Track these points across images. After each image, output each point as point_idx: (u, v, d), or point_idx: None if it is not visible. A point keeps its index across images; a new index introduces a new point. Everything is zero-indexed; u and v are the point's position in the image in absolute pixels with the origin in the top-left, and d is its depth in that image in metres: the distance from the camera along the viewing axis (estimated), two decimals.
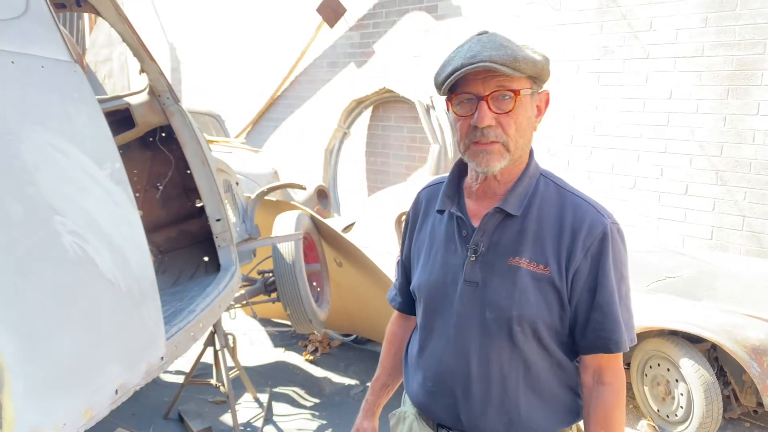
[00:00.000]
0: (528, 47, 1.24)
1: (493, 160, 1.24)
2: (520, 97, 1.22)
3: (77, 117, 1.74)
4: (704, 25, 4.72)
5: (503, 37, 1.23)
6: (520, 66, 1.19)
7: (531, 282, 1.25)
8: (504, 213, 1.29)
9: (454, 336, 1.31)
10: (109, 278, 1.66)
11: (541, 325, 1.26)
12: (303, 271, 3.56)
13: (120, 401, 1.68)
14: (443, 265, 1.34)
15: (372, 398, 1.57)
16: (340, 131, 7.67)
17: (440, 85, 1.26)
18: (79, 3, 2.71)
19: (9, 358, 1.28)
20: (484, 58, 1.18)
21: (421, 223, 1.45)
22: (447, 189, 1.37)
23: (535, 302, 1.25)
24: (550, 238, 1.26)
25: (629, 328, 1.29)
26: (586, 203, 1.30)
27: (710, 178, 4.81)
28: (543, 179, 1.33)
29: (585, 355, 1.30)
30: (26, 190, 1.46)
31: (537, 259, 1.26)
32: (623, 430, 1.30)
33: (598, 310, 1.26)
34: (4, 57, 1.54)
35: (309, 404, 3.69)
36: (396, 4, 6.99)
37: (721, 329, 3.12)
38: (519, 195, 1.29)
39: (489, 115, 1.21)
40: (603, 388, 1.29)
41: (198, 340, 2.52)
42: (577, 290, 1.26)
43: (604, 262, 1.25)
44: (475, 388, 1.29)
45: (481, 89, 1.22)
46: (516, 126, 1.23)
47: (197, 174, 3.06)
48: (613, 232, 1.27)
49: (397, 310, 1.59)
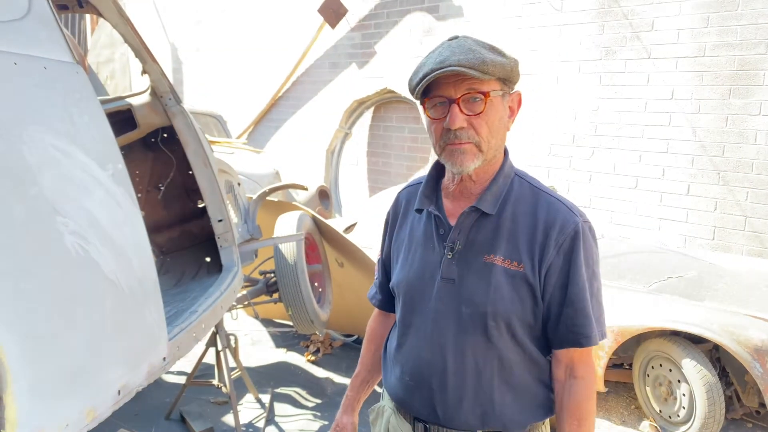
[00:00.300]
0: (497, 50, 1.28)
1: (466, 160, 1.28)
2: (490, 99, 1.26)
3: (79, 118, 1.74)
4: (706, 25, 4.72)
5: (473, 41, 1.28)
6: (489, 69, 1.23)
7: (505, 279, 1.29)
8: (480, 212, 1.33)
9: (431, 331, 1.35)
10: (111, 279, 1.66)
11: (515, 320, 1.30)
12: (305, 271, 3.56)
13: (122, 402, 1.68)
14: (422, 263, 1.38)
15: (351, 394, 1.62)
16: (342, 132, 7.67)
17: (413, 89, 1.30)
18: (81, 4, 2.72)
19: (12, 359, 1.28)
20: (453, 63, 1.22)
21: (400, 222, 1.49)
22: (425, 189, 1.41)
23: (509, 298, 1.29)
24: (523, 236, 1.31)
25: (600, 323, 1.34)
26: (558, 202, 1.34)
27: (712, 179, 4.81)
28: (518, 179, 1.37)
29: (557, 349, 1.35)
30: (28, 191, 1.46)
31: (511, 256, 1.30)
32: (594, 421, 1.35)
33: (570, 306, 1.30)
34: (6, 58, 1.54)
35: (311, 405, 3.69)
36: (397, 5, 6.99)
37: (723, 330, 3.12)
38: (494, 194, 1.33)
39: (460, 117, 1.25)
40: (575, 382, 1.33)
41: (200, 340, 2.53)
42: (550, 286, 1.30)
43: (575, 258, 1.29)
44: (451, 381, 1.33)
45: (453, 92, 1.26)
46: (488, 127, 1.28)
47: (199, 175, 3.07)
48: (585, 229, 1.32)
49: (376, 307, 1.63)
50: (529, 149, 5.93)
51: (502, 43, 5.91)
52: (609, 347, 3.39)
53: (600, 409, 3.71)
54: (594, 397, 1.35)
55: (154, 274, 1.88)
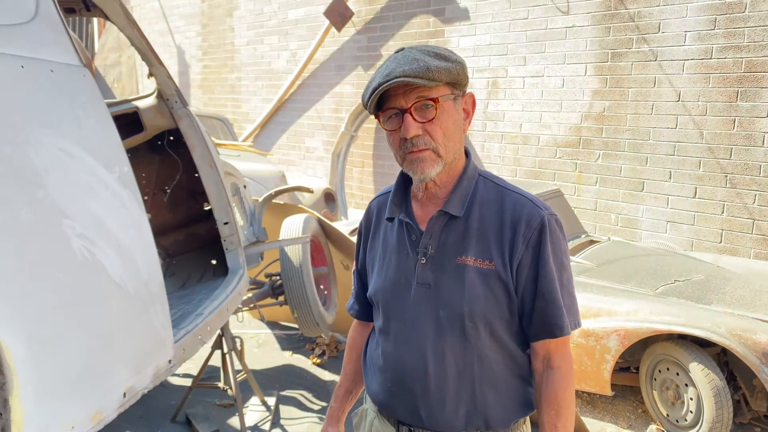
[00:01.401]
0: (442, 56, 1.30)
1: (426, 167, 1.31)
2: (440, 104, 1.29)
3: (86, 121, 1.75)
4: (713, 27, 4.70)
5: (418, 51, 1.30)
6: (434, 75, 1.26)
7: (478, 278, 1.32)
8: (448, 215, 1.36)
9: (410, 336, 1.37)
10: (117, 282, 1.66)
11: (492, 318, 1.33)
12: (310, 274, 3.56)
13: (128, 404, 1.68)
14: (396, 270, 1.40)
15: (336, 404, 1.64)
16: (347, 134, 7.68)
17: (365, 104, 1.33)
18: (88, 7, 2.73)
19: (18, 361, 1.28)
20: (399, 74, 1.25)
21: (374, 231, 1.51)
22: (394, 197, 1.44)
23: (484, 297, 1.31)
24: (492, 235, 1.33)
25: (572, 312, 1.36)
26: (523, 198, 1.36)
27: (720, 181, 4.78)
28: (482, 179, 1.40)
29: (534, 342, 1.37)
30: (35, 194, 1.46)
31: (482, 255, 1.33)
32: (573, 411, 1.36)
33: (541, 298, 1.32)
34: (14, 61, 1.54)
35: (316, 408, 3.68)
36: (403, 8, 7.00)
37: (731, 333, 3.10)
38: (460, 196, 1.36)
39: (414, 125, 1.28)
40: (552, 372, 1.36)
41: (206, 343, 2.53)
42: (522, 281, 1.33)
43: (543, 251, 1.32)
44: (433, 384, 1.35)
45: (403, 102, 1.29)
46: (442, 131, 1.30)
47: (205, 177, 3.07)
48: (551, 222, 1.34)
49: (355, 318, 1.65)
50: (535, 152, 5.92)
51: (507, 46, 5.90)
52: (616, 351, 3.37)
53: (607, 413, 3.69)
54: (572, 388, 1.37)
55: (160, 277, 1.89)
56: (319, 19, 7.83)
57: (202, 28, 10.15)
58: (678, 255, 4.25)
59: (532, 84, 5.87)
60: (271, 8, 8.75)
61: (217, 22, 9.78)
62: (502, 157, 6.18)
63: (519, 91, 5.98)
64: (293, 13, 8.41)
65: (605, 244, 4.37)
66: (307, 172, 8.46)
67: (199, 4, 10.13)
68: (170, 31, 10.91)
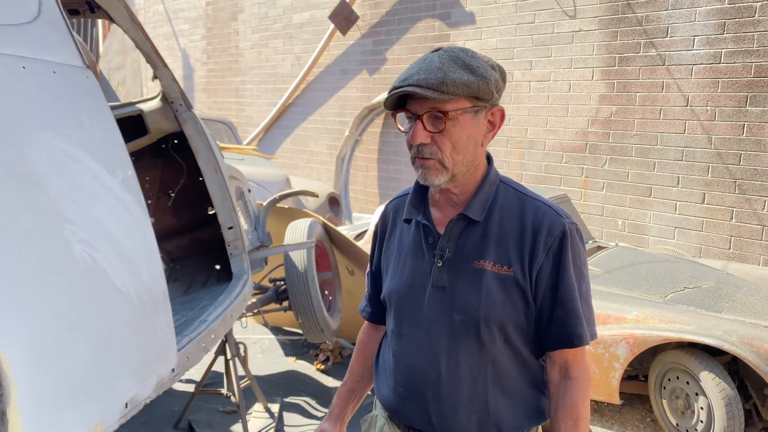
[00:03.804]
0: (470, 67, 1.26)
1: (430, 175, 1.30)
2: (452, 118, 1.26)
3: (89, 123, 1.71)
4: (722, 31, 4.66)
5: (448, 57, 1.26)
6: (448, 89, 1.23)
7: (496, 283, 1.31)
8: (467, 219, 1.35)
9: (423, 340, 1.35)
10: (120, 288, 1.63)
11: (508, 324, 1.32)
12: (315, 279, 3.53)
13: (130, 415, 1.64)
14: (412, 272, 1.39)
15: (337, 402, 1.61)
16: (352, 138, 7.65)
17: (384, 103, 1.33)
18: (92, 9, 2.70)
19: (16, 371, 1.24)
20: (412, 82, 1.24)
21: (389, 233, 1.50)
22: (413, 199, 1.43)
23: (501, 303, 1.30)
24: (512, 241, 1.32)
25: (590, 323, 1.35)
26: (544, 205, 1.35)
27: (729, 187, 4.73)
28: (503, 185, 1.39)
29: (551, 351, 1.36)
30: (36, 198, 1.43)
31: (501, 261, 1.32)
32: (588, 421, 1.34)
33: (561, 307, 1.31)
34: (15, 62, 1.51)
35: (320, 414, 3.64)
36: (409, 12, 6.97)
37: (742, 342, 3.05)
38: (480, 201, 1.35)
39: (422, 133, 1.27)
40: (570, 382, 1.34)
41: (209, 350, 2.49)
42: (541, 288, 1.32)
43: (564, 260, 1.31)
44: (445, 389, 1.33)
45: (418, 108, 1.28)
46: (451, 144, 1.28)
47: (210, 181, 3.04)
48: (572, 231, 1.33)
49: (366, 320, 1.64)
50: (541, 157, 5.88)
51: (514, 50, 5.87)
52: (624, 359, 3.32)
53: (615, 422, 3.64)
54: (588, 399, 1.35)
55: (163, 284, 1.85)
56: (324, 22, 7.82)
57: (206, 31, 10.14)
58: (687, 261, 4.20)
59: (539, 88, 5.83)
60: (276, 12, 8.73)
61: (222, 25, 9.78)
62: (507, 161, 6.14)
63: (525, 96, 5.94)
64: (298, 16, 8.40)
65: (613, 250, 4.32)
66: (311, 176, 8.44)
67: (203, 7, 10.13)
68: (175, 35, 10.91)
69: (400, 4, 7.06)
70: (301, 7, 8.31)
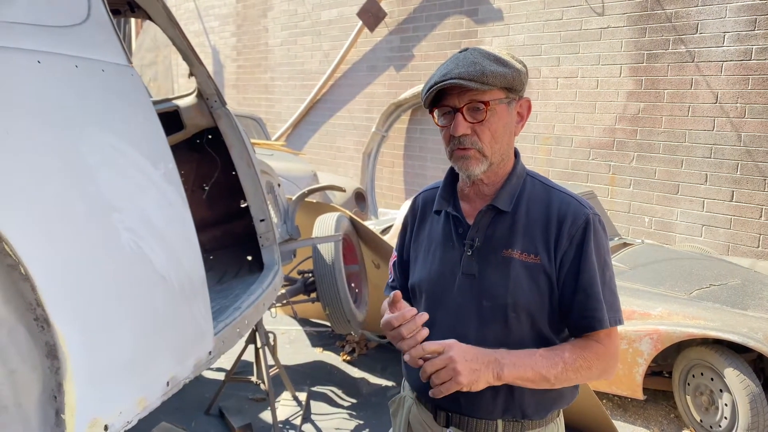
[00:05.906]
0: (501, 61, 1.35)
1: (471, 165, 1.37)
2: (491, 108, 1.34)
3: (134, 118, 1.81)
4: (753, 28, 4.62)
5: (479, 53, 1.36)
6: (489, 80, 1.31)
7: (523, 271, 1.37)
8: (496, 210, 1.41)
9: (453, 324, 1.41)
10: (162, 274, 1.72)
11: (535, 310, 1.37)
12: (342, 271, 3.60)
13: (170, 393, 1.74)
14: (442, 261, 1.45)
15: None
16: (378, 134, 7.72)
17: (423, 100, 1.40)
18: (132, 9, 2.81)
19: (73, 348, 1.34)
20: (454, 76, 1.32)
21: (419, 224, 1.57)
22: (443, 192, 1.51)
23: (528, 289, 1.36)
24: (538, 230, 1.38)
25: (613, 309, 1.38)
26: (569, 197, 1.42)
27: (758, 185, 4.70)
28: (530, 178, 1.46)
29: (576, 338, 1.40)
30: (88, 188, 1.53)
31: (528, 249, 1.37)
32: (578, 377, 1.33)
33: (582, 292, 1.35)
34: (68, 61, 1.61)
35: (346, 404, 3.73)
36: (436, 8, 7.01)
37: (767, 339, 3.05)
38: (509, 193, 1.42)
39: (463, 124, 1.34)
40: (595, 346, 1.36)
41: (243, 336, 2.58)
42: (563, 275, 1.37)
43: (586, 248, 1.36)
44: None
45: (457, 102, 1.35)
46: (491, 133, 1.36)
47: (243, 175, 3.13)
48: (595, 221, 1.38)
49: None
50: (569, 153, 5.88)
51: (541, 47, 5.87)
52: (648, 354, 3.34)
53: (639, 417, 3.66)
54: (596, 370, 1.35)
55: (202, 271, 1.94)
56: (352, 19, 7.89)
57: (236, 28, 10.29)
58: (713, 259, 4.18)
59: (566, 85, 5.83)
60: (305, 9, 8.84)
61: (252, 22, 9.91)
62: (534, 158, 6.16)
63: (552, 92, 5.95)
64: (326, 13, 8.48)
65: (639, 247, 4.32)
66: (338, 172, 8.53)
67: (234, 4, 10.28)
68: (205, 32, 11.09)
69: (427, 1, 7.09)
70: (330, 4, 8.40)
